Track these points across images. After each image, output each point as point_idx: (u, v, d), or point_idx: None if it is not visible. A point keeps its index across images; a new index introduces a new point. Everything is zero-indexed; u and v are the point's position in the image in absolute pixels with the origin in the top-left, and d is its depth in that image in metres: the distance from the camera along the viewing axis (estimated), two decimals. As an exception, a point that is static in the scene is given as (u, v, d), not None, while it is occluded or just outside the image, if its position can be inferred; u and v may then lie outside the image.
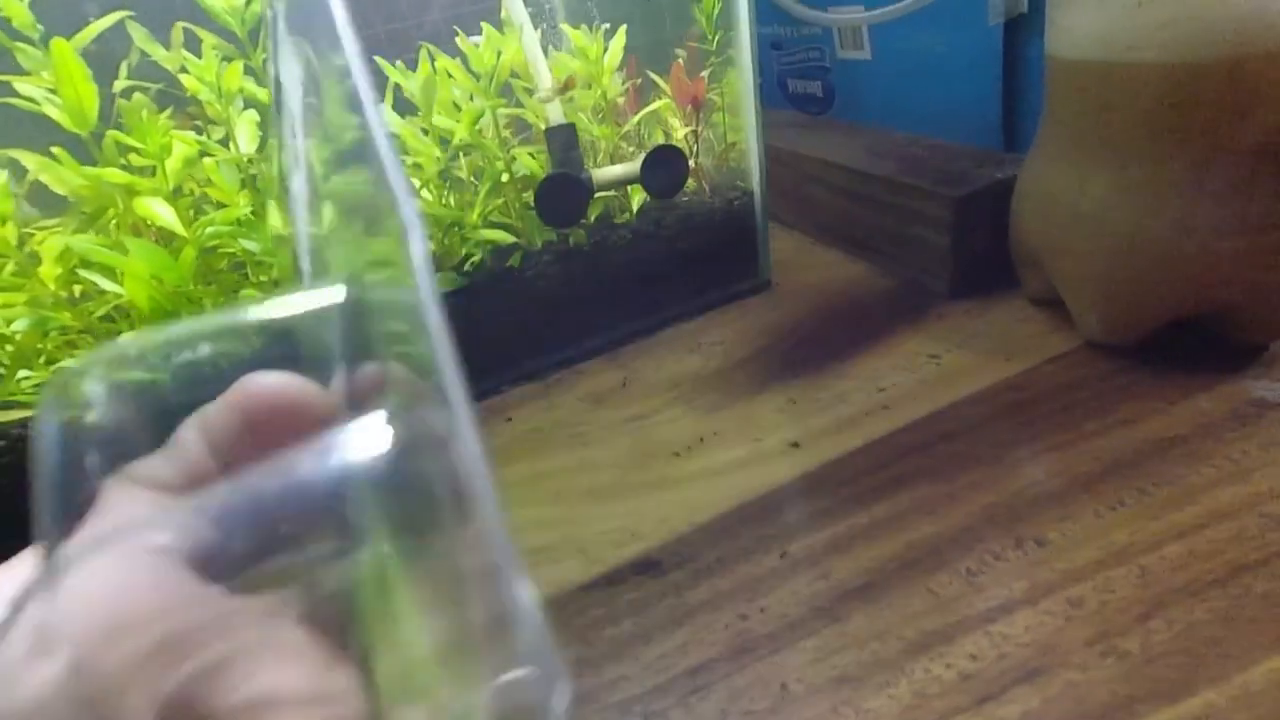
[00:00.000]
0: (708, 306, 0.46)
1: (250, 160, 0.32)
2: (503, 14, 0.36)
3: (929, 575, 0.24)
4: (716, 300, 0.46)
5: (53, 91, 0.28)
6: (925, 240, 0.43)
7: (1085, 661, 0.21)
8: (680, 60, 0.41)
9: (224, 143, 0.32)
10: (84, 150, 0.30)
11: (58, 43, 0.25)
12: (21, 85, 0.27)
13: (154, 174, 0.30)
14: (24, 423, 0.30)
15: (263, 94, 0.31)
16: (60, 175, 0.31)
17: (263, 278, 0.35)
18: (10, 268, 0.30)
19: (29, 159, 0.30)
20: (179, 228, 0.30)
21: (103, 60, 0.30)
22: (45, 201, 0.33)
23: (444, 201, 0.38)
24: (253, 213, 0.32)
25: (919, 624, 0.23)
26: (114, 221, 0.33)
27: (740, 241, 0.46)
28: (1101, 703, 0.20)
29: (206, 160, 0.32)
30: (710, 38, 0.40)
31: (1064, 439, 0.30)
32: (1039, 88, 0.38)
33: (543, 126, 0.38)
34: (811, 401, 0.36)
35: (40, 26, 0.27)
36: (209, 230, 0.30)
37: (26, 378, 0.31)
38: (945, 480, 0.29)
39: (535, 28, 0.35)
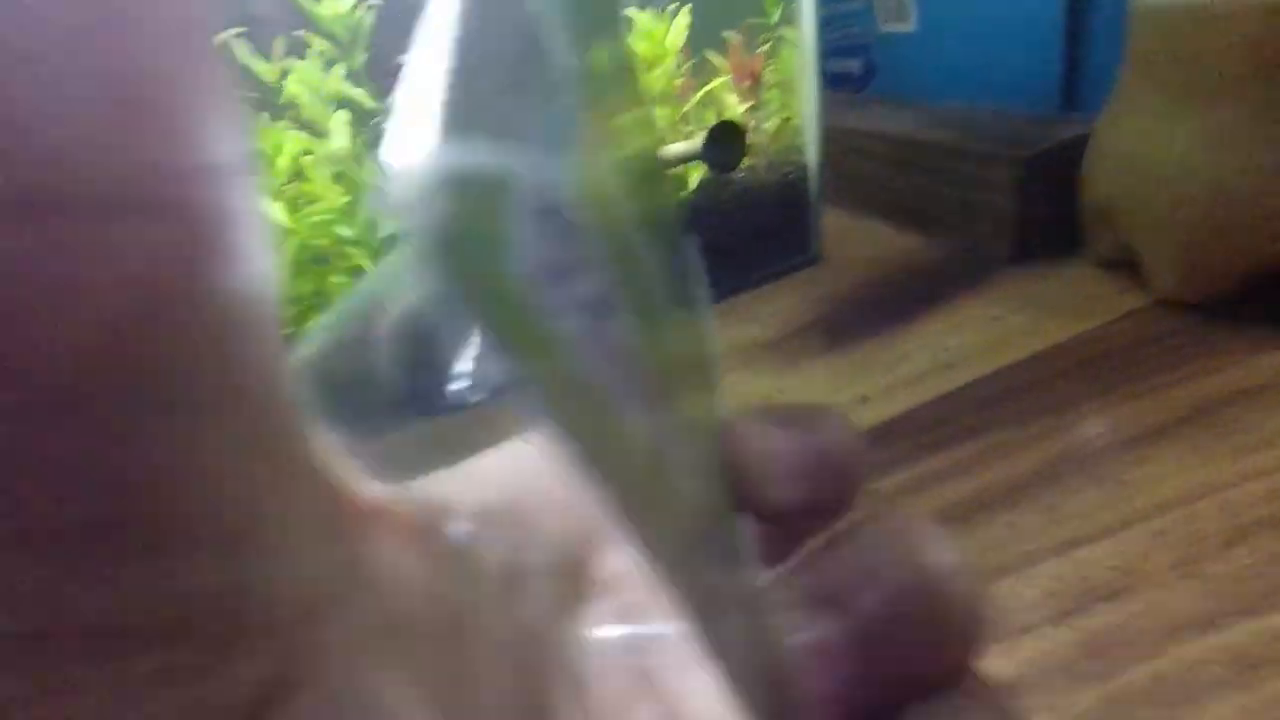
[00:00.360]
0: (761, 280, 0.47)
1: (343, 156, 0.35)
2: None
3: (1006, 512, 0.25)
4: (769, 274, 0.47)
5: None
6: (985, 206, 0.43)
7: (1168, 582, 0.21)
8: (737, 37, 0.42)
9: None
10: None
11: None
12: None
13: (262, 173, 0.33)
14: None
15: (357, 94, 0.33)
16: None
17: (346, 265, 0.38)
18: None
19: None
20: (287, 220, 0.33)
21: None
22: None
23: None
24: (347, 203, 0.35)
25: (999, 553, 0.24)
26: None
27: (793, 216, 0.47)
28: (1184, 616, 0.20)
29: (305, 158, 0.35)
30: (769, 13, 0.41)
31: (1138, 390, 0.30)
32: (1105, 46, 0.38)
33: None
34: (874, 363, 0.37)
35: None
36: (313, 220, 0.33)
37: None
38: (1018, 429, 0.30)
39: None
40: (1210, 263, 0.33)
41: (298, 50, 0.33)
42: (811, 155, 0.45)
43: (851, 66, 0.64)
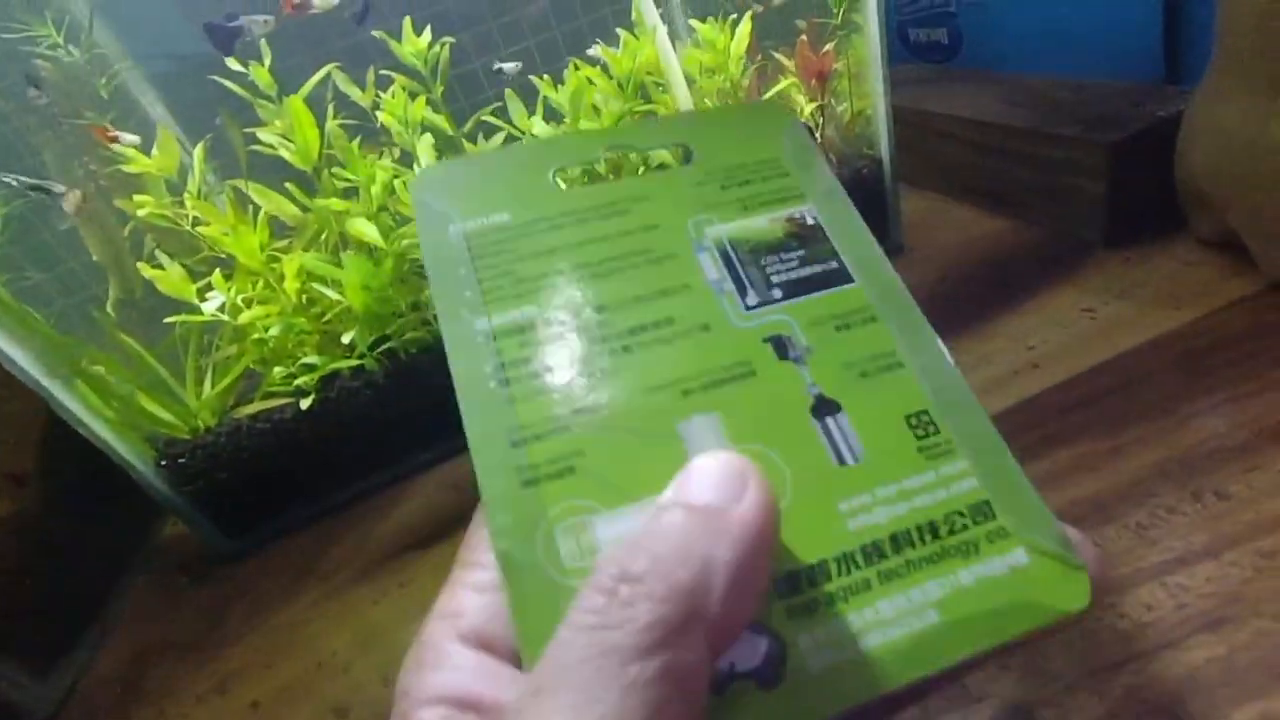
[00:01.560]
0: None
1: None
2: (634, 15, 0.39)
3: (1094, 530, 0.25)
4: (847, 269, 0.46)
5: (284, 137, 0.34)
6: (1076, 189, 0.41)
7: (1277, 612, 0.20)
8: (804, 35, 0.41)
9: (408, 165, 0.37)
10: (307, 181, 0.36)
11: (294, 100, 0.31)
12: (263, 134, 0.34)
13: (358, 198, 0.36)
14: (282, 409, 0.37)
15: (440, 120, 0.36)
16: (282, 206, 0.38)
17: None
18: (261, 284, 0.37)
19: (262, 195, 0.37)
20: (381, 242, 0.36)
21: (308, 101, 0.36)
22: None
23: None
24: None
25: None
26: (325, 239, 0.39)
27: (870, 208, 0.46)
28: (1295, 649, 0.19)
29: (397, 183, 0.37)
30: (835, 9, 0.40)
31: (1248, 389, 0.28)
32: (1208, 6, 0.35)
33: (673, 117, 0.40)
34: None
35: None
36: (404, 242, 0.36)
37: (278, 371, 0.38)
38: (1108, 436, 0.28)
39: (664, 23, 0.37)
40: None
41: (386, 80, 0.35)
42: (884, 146, 0.44)
43: (938, 35, 0.61)
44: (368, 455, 0.40)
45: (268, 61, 0.32)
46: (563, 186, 0.15)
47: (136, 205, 0.35)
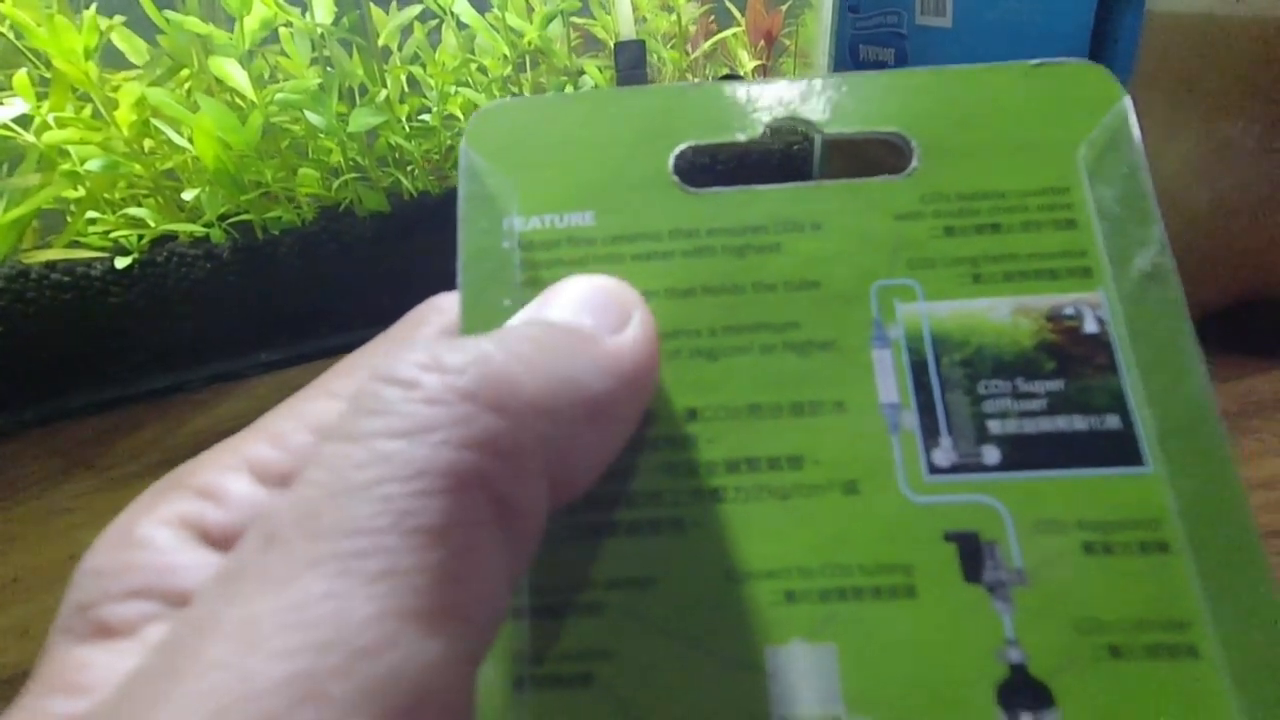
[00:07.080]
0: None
1: (324, 35, 0.32)
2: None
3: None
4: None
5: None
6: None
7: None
8: (759, -7, 0.40)
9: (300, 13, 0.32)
10: (169, 4, 0.31)
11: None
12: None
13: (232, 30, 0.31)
14: (90, 264, 0.31)
15: (345, -34, 0.31)
16: (133, 44, 0.32)
17: (322, 159, 0.35)
18: (88, 110, 0.31)
19: (103, 22, 0.30)
20: (249, 91, 0.31)
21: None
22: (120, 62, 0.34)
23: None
24: (321, 87, 0.32)
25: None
26: (189, 82, 0.33)
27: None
28: None
29: (283, 30, 0.32)
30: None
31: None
32: (1127, 68, 0.37)
33: (612, 42, 0.38)
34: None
35: None
36: (278, 96, 0.31)
37: (93, 221, 0.32)
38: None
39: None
40: (1208, 280, 0.32)
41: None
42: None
43: (886, 56, 0.63)
44: (192, 342, 0.35)
45: None
46: (675, 181, 0.10)
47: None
